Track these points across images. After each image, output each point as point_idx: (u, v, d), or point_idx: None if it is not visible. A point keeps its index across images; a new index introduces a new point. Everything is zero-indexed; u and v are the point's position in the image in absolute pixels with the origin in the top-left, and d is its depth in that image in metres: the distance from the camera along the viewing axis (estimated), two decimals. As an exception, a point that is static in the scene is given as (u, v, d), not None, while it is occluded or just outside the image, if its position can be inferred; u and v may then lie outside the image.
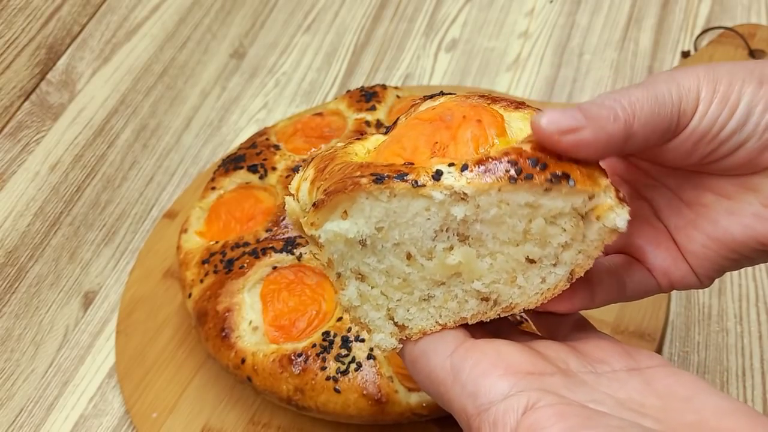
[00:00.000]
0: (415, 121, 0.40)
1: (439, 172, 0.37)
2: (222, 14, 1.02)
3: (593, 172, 0.38)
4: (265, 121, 0.91)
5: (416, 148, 0.39)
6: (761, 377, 0.64)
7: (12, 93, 0.84)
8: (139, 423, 0.67)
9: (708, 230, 0.42)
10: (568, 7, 0.98)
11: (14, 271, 0.78)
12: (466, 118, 0.39)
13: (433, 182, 0.36)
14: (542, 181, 0.36)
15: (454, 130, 0.39)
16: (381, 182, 0.36)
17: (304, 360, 0.59)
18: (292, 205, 0.41)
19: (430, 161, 0.38)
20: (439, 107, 0.41)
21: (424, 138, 0.39)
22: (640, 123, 0.37)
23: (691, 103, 0.39)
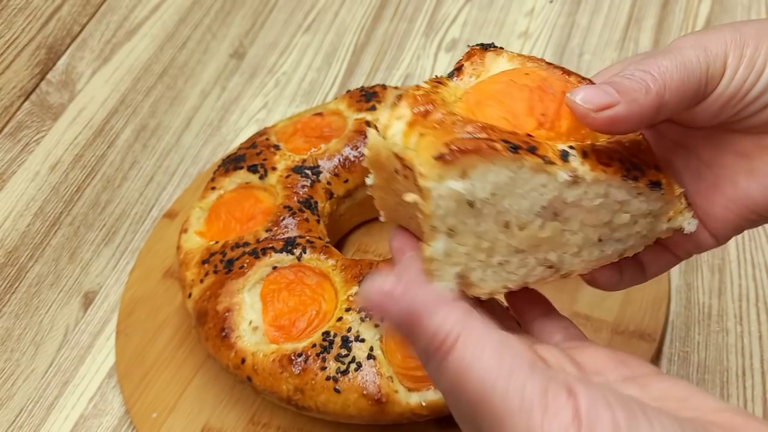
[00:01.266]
0: (510, 82, 0.40)
1: (565, 153, 0.38)
2: (222, 14, 1.02)
3: (671, 178, 0.42)
4: (265, 121, 0.91)
5: (520, 116, 0.39)
6: (761, 377, 0.64)
7: (12, 93, 0.84)
8: (139, 423, 0.67)
9: (728, 192, 0.42)
10: (568, 7, 0.98)
11: (14, 271, 0.78)
12: (565, 93, 0.39)
13: (561, 162, 0.38)
14: (645, 183, 0.39)
15: (558, 104, 0.39)
16: (516, 151, 0.36)
17: (304, 360, 0.59)
18: (376, 140, 0.38)
19: (538, 132, 0.38)
20: (533, 74, 0.41)
21: (526, 105, 0.39)
22: (671, 92, 0.38)
23: (718, 68, 0.39)
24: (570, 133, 0.40)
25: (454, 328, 0.31)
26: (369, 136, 0.39)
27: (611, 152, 0.39)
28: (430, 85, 0.41)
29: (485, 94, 0.40)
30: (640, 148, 0.42)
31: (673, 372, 0.66)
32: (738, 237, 0.72)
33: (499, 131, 0.37)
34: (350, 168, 0.73)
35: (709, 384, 0.65)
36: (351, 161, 0.73)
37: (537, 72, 0.42)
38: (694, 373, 0.65)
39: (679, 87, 0.38)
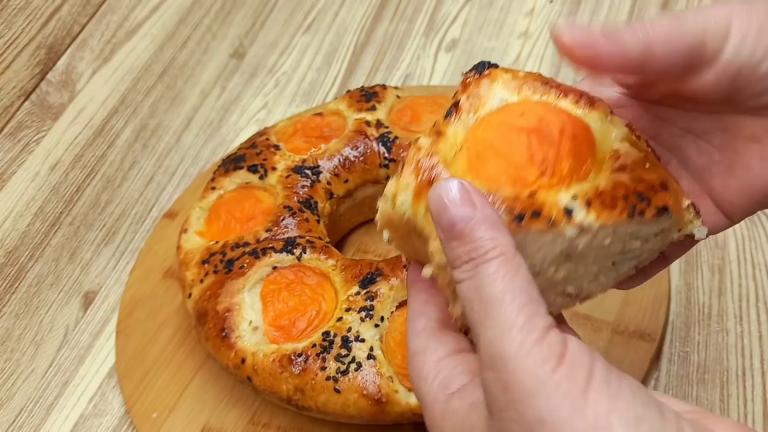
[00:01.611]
0: (506, 127, 0.40)
1: (569, 209, 0.38)
2: (222, 14, 1.02)
3: (677, 192, 0.42)
4: (265, 121, 0.91)
5: (520, 167, 0.39)
6: (761, 377, 0.64)
7: (12, 93, 0.84)
8: (139, 423, 0.67)
9: (742, 177, 0.43)
10: (568, 7, 0.98)
11: (14, 271, 0.78)
12: (564, 134, 0.40)
13: (566, 219, 0.38)
14: (651, 215, 0.40)
15: (557, 147, 0.39)
16: (520, 222, 0.37)
17: (304, 360, 0.59)
18: (387, 211, 0.40)
19: (539, 181, 0.39)
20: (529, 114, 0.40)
21: (524, 153, 0.39)
22: (660, 40, 0.37)
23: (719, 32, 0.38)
24: (573, 172, 0.40)
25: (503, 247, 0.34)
26: (380, 208, 0.41)
27: (615, 189, 0.39)
28: (430, 141, 0.41)
29: (484, 144, 0.40)
30: (645, 167, 0.41)
31: (673, 372, 0.66)
32: (738, 237, 0.72)
33: (503, 198, 0.38)
34: (350, 168, 0.73)
35: (709, 384, 0.65)
36: (351, 161, 0.73)
37: (533, 109, 0.41)
38: (694, 373, 0.65)
39: (670, 39, 0.37)
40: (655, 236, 0.42)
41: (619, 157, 0.41)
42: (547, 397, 0.31)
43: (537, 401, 0.31)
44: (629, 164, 0.40)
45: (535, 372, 0.31)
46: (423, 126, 0.74)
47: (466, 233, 0.34)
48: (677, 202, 0.42)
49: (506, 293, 0.33)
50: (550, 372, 0.31)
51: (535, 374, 0.31)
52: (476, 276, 0.34)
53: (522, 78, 0.43)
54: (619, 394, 0.31)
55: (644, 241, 0.42)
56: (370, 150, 0.74)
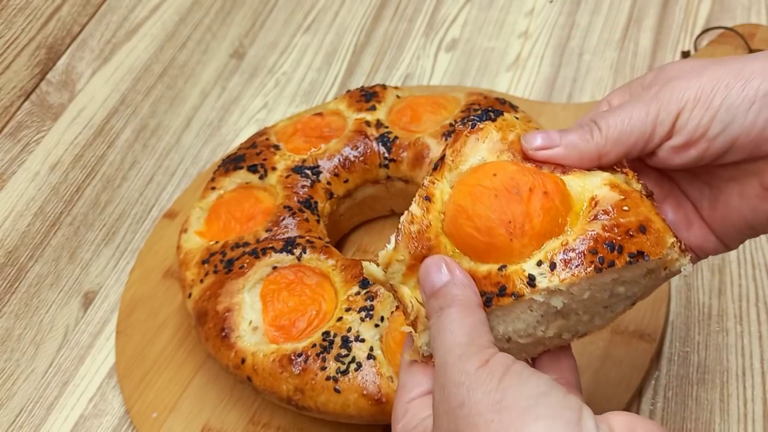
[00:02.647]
0: (479, 189, 0.42)
1: (532, 277, 0.40)
2: (222, 14, 1.02)
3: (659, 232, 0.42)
4: (265, 121, 0.91)
5: (491, 229, 0.41)
6: (761, 377, 0.64)
7: (12, 93, 0.84)
8: (139, 423, 0.67)
9: (723, 210, 0.46)
10: (568, 7, 0.98)
11: (14, 271, 0.78)
12: (533, 191, 0.41)
13: (530, 289, 0.40)
14: (623, 263, 0.40)
15: (525, 205, 0.41)
16: (489, 305, 0.41)
17: (304, 360, 0.59)
18: (375, 274, 0.44)
19: (511, 245, 0.41)
20: (501, 174, 0.43)
21: (495, 215, 0.41)
22: (610, 143, 0.44)
23: (670, 117, 0.43)
24: (544, 230, 0.41)
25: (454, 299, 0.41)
26: (370, 270, 0.44)
27: (583, 244, 0.40)
28: (422, 210, 0.44)
29: (459, 207, 0.43)
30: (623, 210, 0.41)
31: (673, 372, 0.66)
32: (738, 237, 0.72)
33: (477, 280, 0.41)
34: (350, 168, 0.73)
35: (709, 384, 0.65)
36: (351, 161, 0.73)
37: (505, 168, 0.43)
38: (694, 373, 0.65)
39: (620, 138, 0.43)
40: (644, 277, 0.42)
41: (597, 204, 0.41)
42: (468, 385, 0.37)
43: (460, 389, 0.37)
44: (606, 209, 0.41)
45: (463, 369, 0.38)
46: (423, 126, 0.74)
47: (442, 293, 0.41)
48: (658, 243, 0.41)
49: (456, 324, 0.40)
50: (474, 369, 0.38)
51: (462, 371, 0.38)
52: (440, 317, 0.41)
53: (509, 142, 0.45)
54: (528, 381, 0.37)
55: (631, 283, 0.42)
56: (370, 150, 0.74)
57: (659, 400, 0.64)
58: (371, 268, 0.44)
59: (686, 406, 0.64)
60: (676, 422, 0.63)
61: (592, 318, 0.43)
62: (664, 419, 0.63)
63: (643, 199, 0.42)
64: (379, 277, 0.44)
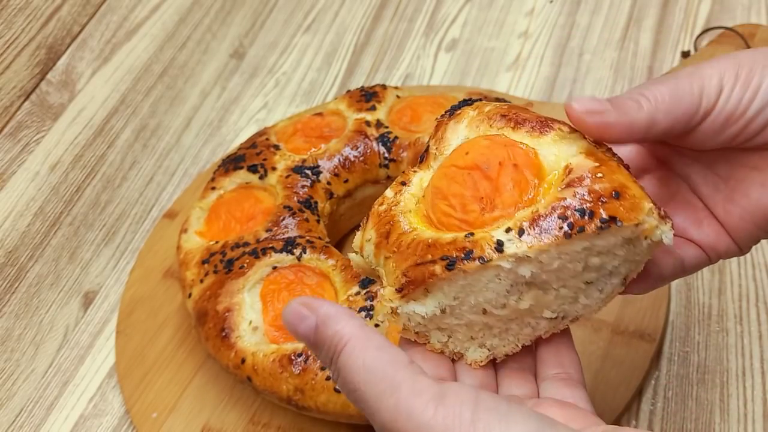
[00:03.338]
0: (453, 170, 0.42)
1: (500, 242, 0.39)
2: (222, 14, 1.02)
3: (635, 198, 0.40)
4: (265, 121, 0.91)
5: (465, 205, 0.41)
6: (761, 377, 0.64)
7: (12, 93, 0.84)
8: (139, 423, 0.67)
9: (743, 203, 0.45)
10: (568, 7, 0.98)
11: (14, 271, 0.78)
12: (503, 165, 0.41)
13: (497, 255, 0.39)
14: (593, 229, 0.39)
15: (495, 180, 0.41)
16: (453, 268, 0.39)
17: (304, 360, 0.59)
18: (358, 262, 0.44)
19: (482, 218, 0.41)
20: (472, 152, 0.43)
21: (468, 192, 0.42)
22: (661, 112, 0.41)
23: (713, 91, 0.41)
24: (515, 201, 0.41)
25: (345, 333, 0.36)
26: (352, 260, 0.45)
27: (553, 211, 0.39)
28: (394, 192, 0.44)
29: (436, 190, 0.43)
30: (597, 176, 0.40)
31: (673, 372, 0.66)
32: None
33: (441, 246, 0.40)
34: (350, 168, 0.73)
35: (709, 384, 0.65)
36: (351, 161, 0.73)
37: (477, 146, 0.43)
38: (694, 373, 0.65)
39: (671, 108, 0.41)
40: (621, 247, 0.41)
41: (571, 171, 0.41)
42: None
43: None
44: (580, 176, 0.40)
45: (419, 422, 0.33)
46: (423, 126, 0.74)
47: (318, 340, 0.37)
48: (633, 209, 0.39)
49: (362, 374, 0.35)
50: (432, 415, 0.33)
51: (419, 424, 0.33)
52: (337, 371, 0.36)
53: (486, 113, 0.45)
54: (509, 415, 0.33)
55: (608, 254, 0.41)
56: (370, 150, 0.74)
57: (659, 400, 0.64)
58: (352, 256, 0.44)
59: (686, 406, 0.64)
60: (676, 422, 0.63)
61: (575, 295, 0.42)
62: (664, 419, 0.63)
63: (620, 168, 0.41)
64: (360, 263, 0.44)
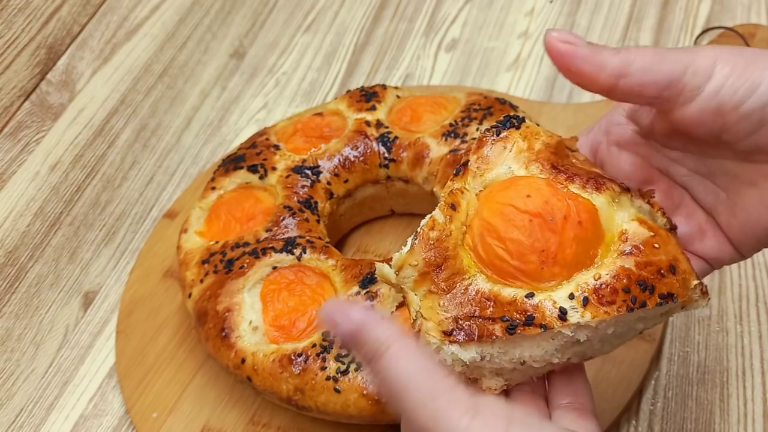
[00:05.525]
0: (511, 210, 0.41)
1: (563, 310, 0.39)
2: (222, 14, 1.02)
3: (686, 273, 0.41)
4: (265, 121, 0.91)
5: (522, 254, 0.40)
6: (761, 377, 0.64)
7: (12, 93, 0.84)
8: (139, 423, 0.67)
9: (742, 217, 0.45)
10: (568, 7, 0.98)
11: (14, 271, 0.78)
12: (568, 219, 0.41)
13: (560, 323, 0.39)
14: (654, 305, 0.39)
15: (559, 234, 0.40)
16: (513, 332, 0.39)
17: (304, 360, 0.59)
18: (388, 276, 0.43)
19: (541, 272, 0.40)
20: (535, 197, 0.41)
21: (528, 241, 0.40)
22: (637, 67, 0.40)
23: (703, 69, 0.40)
24: (576, 260, 0.40)
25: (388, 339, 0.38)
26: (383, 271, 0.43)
27: (617, 281, 0.39)
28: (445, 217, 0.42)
29: (488, 225, 0.41)
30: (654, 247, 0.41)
31: (673, 372, 0.66)
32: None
33: (500, 304, 0.40)
34: (350, 168, 0.73)
35: (709, 384, 0.65)
36: (351, 161, 0.73)
37: (540, 191, 0.42)
38: (694, 373, 0.65)
39: (649, 66, 0.40)
40: (662, 315, 0.42)
41: (627, 239, 0.41)
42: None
43: None
44: (637, 245, 0.40)
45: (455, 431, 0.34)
46: (423, 126, 0.74)
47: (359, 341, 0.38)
48: (684, 285, 0.41)
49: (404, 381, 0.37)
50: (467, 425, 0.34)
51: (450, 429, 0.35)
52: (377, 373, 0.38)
53: (536, 152, 0.44)
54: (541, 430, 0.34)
55: (650, 319, 0.42)
56: (370, 150, 0.74)
57: (659, 400, 0.64)
58: (384, 269, 0.43)
59: (686, 406, 0.64)
60: (676, 422, 0.63)
61: (602, 345, 0.43)
62: (664, 419, 0.63)
63: (670, 237, 0.42)
64: (390, 279, 0.43)
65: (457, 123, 0.72)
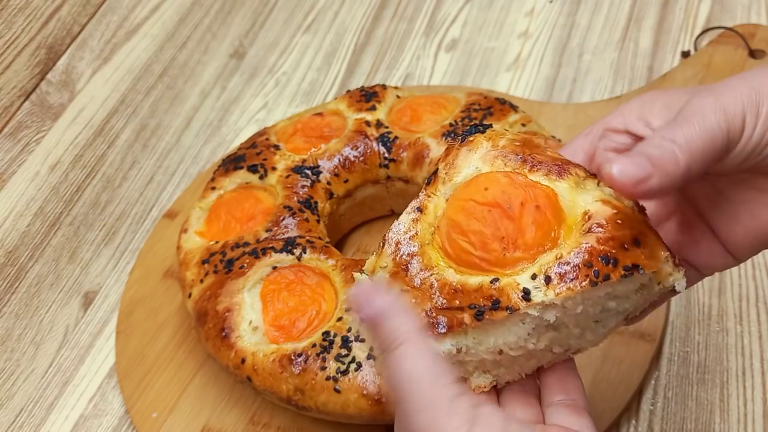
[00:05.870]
0: (472, 205, 0.43)
1: (526, 290, 0.40)
2: (222, 14, 1.02)
3: (653, 246, 0.41)
4: (265, 121, 0.91)
5: (485, 244, 0.42)
6: (761, 377, 0.64)
7: (12, 93, 0.84)
8: (139, 423, 0.67)
9: (747, 223, 0.44)
10: (568, 7, 0.98)
11: (14, 271, 0.78)
12: (525, 205, 0.42)
13: (525, 303, 0.40)
14: (618, 277, 0.40)
15: (517, 220, 0.42)
16: (481, 318, 0.40)
17: (304, 360, 0.59)
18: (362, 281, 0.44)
19: (504, 259, 0.41)
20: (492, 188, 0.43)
21: (489, 230, 0.42)
22: (696, 162, 0.40)
23: (737, 129, 0.40)
24: (537, 243, 0.41)
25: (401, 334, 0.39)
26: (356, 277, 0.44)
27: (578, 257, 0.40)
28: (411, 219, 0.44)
29: (453, 223, 0.43)
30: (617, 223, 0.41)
31: (673, 372, 0.66)
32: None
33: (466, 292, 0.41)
34: (350, 168, 0.73)
35: (709, 384, 0.65)
36: (351, 161, 0.73)
37: (497, 182, 0.43)
38: (694, 373, 0.65)
39: (704, 154, 0.40)
40: (636, 292, 0.42)
41: (590, 218, 0.41)
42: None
43: None
44: (600, 222, 0.41)
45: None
46: (423, 126, 0.74)
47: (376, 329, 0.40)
48: (652, 257, 0.41)
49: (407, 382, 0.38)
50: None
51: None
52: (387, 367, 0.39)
53: (500, 148, 0.45)
54: None
55: (623, 298, 0.42)
56: (370, 150, 0.74)
57: (659, 400, 0.64)
58: (359, 276, 0.44)
59: (686, 406, 0.64)
60: (676, 422, 0.63)
61: (583, 332, 0.43)
62: (664, 419, 0.63)
63: (635, 214, 0.42)
64: None
65: (457, 123, 0.72)
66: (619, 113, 0.47)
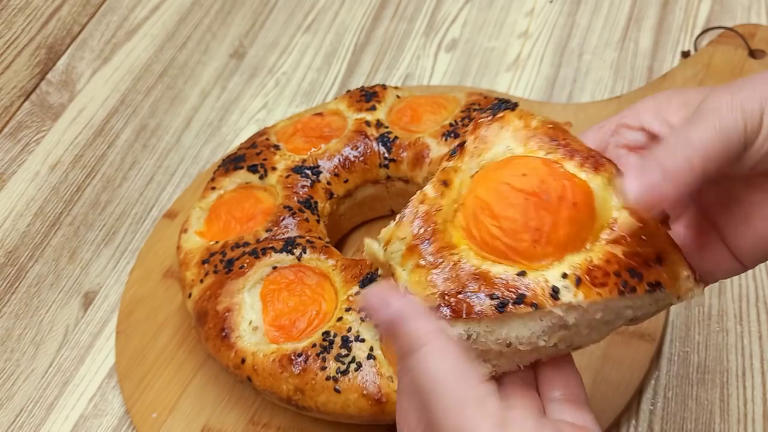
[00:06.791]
0: (507, 189, 0.41)
1: (555, 289, 0.39)
2: (222, 14, 1.02)
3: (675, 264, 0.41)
4: (265, 121, 0.91)
5: (515, 232, 0.40)
6: (761, 377, 0.64)
7: (12, 93, 0.84)
8: (139, 423, 0.67)
9: (758, 226, 0.44)
10: (568, 7, 0.98)
11: (14, 271, 0.78)
12: (563, 200, 0.40)
13: (552, 302, 0.39)
14: (642, 292, 0.39)
15: (554, 214, 0.40)
16: (503, 310, 0.39)
17: (304, 360, 0.59)
18: (375, 252, 0.42)
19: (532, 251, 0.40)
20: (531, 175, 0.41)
21: (523, 219, 0.40)
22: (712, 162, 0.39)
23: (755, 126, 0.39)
24: (569, 241, 0.40)
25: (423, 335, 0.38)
26: (370, 246, 0.42)
27: (608, 265, 0.39)
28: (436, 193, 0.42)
29: (482, 202, 0.41)
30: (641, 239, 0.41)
31: (673, 372, 0.66)
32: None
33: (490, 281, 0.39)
34: (350, 168, 0.73)
35: (709, 384, 0.65)
36: (351, 161, 0.73)
37: (536, 170, 0.41)
38: (694, 373, 0.65)
39: (720, 154, 0.39)
40: (652, 304, 0.42)
41: (617, 226, 0.41)
42: None
43: None
44: (625, 235, 0.40)
45: None
46: (423, 126, 0.74)
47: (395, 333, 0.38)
48: (673, 275, 0.41)
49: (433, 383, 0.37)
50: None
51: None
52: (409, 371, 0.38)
53: (533, 129, 0.43)
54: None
55: (639, 308, 0.42)
56: (370, 150, 0.74)
57: (659, 400, 0.64)
58: (372, 245, 0.42)
59: (686, 406, 0.64)
60: (676, 422, 0.63)
61: (590, 332, 0.43)
62: (664, 419, 0.63)
63: (659, 228, 0.42)
64: (378, 255, 0.42)
65: (457, 123, 0.72)
66: (635, 110, 0.46)
